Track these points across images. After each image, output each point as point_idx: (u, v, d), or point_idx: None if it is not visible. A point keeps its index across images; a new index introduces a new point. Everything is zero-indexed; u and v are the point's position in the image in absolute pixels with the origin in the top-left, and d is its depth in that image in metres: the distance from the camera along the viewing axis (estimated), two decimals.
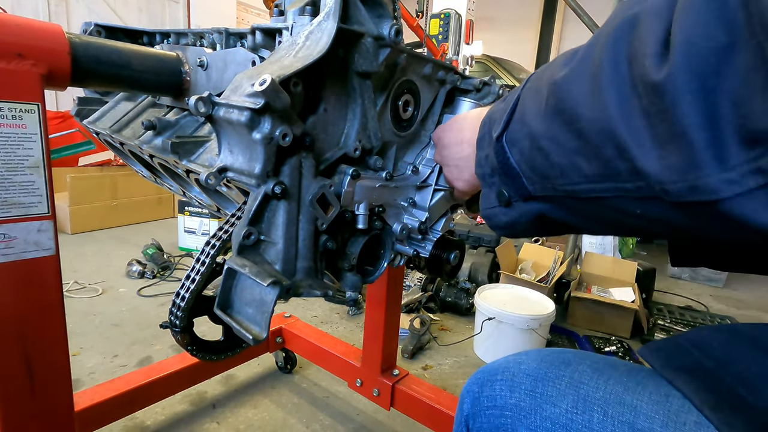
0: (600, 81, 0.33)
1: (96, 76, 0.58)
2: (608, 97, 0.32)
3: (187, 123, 0.74)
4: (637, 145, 0.31)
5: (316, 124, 0.55)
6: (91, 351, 1.65)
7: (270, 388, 1.51)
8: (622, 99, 0.31)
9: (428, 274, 0.82)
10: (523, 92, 0.43)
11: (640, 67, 0.30)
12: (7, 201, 0.50)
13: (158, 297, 2.15)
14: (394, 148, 0.70)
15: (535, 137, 0.39)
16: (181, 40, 0.81)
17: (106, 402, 1.09)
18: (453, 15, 3.46)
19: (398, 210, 0.72)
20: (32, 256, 0.52)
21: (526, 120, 0.40)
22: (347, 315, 2.10)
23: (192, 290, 0.59)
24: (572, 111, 0.35)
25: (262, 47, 0.62)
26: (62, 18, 4.53)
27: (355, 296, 0.65)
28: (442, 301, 2.19)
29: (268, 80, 0.44)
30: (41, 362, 0.55)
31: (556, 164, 0.38)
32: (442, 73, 0.72)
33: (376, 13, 0.56)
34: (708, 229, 0.32)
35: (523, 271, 2.41)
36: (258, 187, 0.50)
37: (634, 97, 0.31)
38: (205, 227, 2.78)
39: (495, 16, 8.90)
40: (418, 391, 1.23)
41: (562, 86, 0.36)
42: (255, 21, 6.27)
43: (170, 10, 5.54)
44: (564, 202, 0.40)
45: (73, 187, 2.98)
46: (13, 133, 0.49)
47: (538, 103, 0.39)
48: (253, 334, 0.49)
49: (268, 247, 0.53)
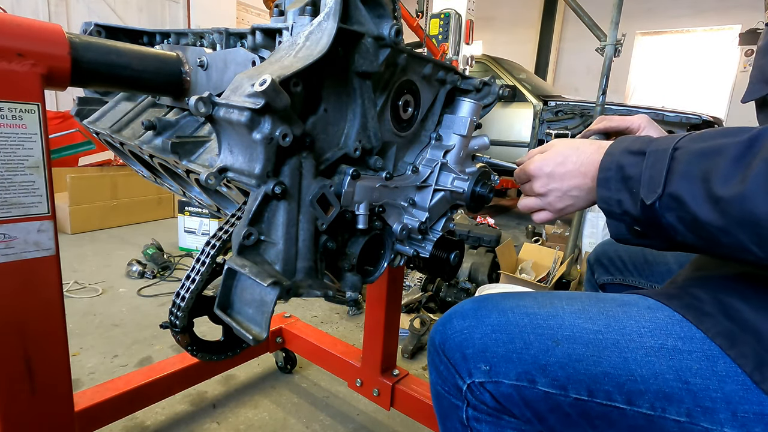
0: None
1: (96, 76, 0.58)
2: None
3: (187, 123, 0.74)
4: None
5: (317, 125, 0.55)
6: (91, 351, 1.65)
7: (270, 388, 1.51)
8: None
9: (428, 274, 0.82)
10: (674, 176, 0.48)
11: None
12: (7, 201, 0.50)
13: (158, 297, 2.15)
14: (394, 148, 0.70)
15: (700, 222, 0.46)
16: (181, 40, 0.81)
17: (106, 402, 1.09)
18: (453, 15, 3.46)
19: (398, 210, 0.72)
20: (32, 256, 0.52)
21: (687, 206, 0.47)
22: (347, 315, 2.10)
23: (192, 290, 0.59)
24: (755, 221, 0.42)
25: (262, 47, 0.62)
26: (62, 18, 4.53)
27: (355, 296, 0.65)
28: (442, 301, 2.19)
29: (268, 80, 0.44)
30: (41, 362, 0.55)
31: (723, 244, 0.46)
32: (442, 73, 0.72)
33: (376, 13, 0.56)
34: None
35: (523, 271, 2.41)
36: (258, 187, 0.50)
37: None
38: (205, 227, 2.78)
39: (495, 16, 8.90)
40: (418, 391, 1.23)
41: (746, 201, 0.42)
42: (255, 21, 6.28)
43: (170, 10, 5.54)
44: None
45: (73, 187, 2.98)
46: (13, 133, 0.49)
47: (703, 198, 0.45)
48: (253, 334, 0.49)
49: (268, 248, 0.53)
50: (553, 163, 0.64)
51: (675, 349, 0.51)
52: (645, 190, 0.51)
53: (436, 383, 0.65)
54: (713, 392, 0.48)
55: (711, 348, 0.49)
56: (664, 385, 0.50)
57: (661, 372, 0.50)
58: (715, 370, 0.49)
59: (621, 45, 2.42)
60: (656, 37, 7.95)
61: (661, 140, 0.52)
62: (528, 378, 0.55)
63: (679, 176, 0.48)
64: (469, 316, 0.62)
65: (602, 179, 0.56)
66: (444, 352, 0.62)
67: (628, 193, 0.53)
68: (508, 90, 0.82)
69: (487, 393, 0.58)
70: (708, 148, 0.47)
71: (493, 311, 0.61)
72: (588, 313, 0.57)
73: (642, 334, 0.52)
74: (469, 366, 0.59)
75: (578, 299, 0.60)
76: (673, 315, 0.53)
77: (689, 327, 0.52)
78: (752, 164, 0.43)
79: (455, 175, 0.75)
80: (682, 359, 0.50)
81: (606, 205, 0.56)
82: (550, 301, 0.60)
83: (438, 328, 0.64)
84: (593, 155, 0.60)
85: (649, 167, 0.51)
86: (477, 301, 0.64)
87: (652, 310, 0.55)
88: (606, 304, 0.58)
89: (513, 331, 0.58)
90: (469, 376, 0.59)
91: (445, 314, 0.65)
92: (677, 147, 0.50)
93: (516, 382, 0.56)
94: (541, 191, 0.66)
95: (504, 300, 0.62)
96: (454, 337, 0.61)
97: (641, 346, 0.52)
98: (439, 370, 0.63)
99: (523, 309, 0.59)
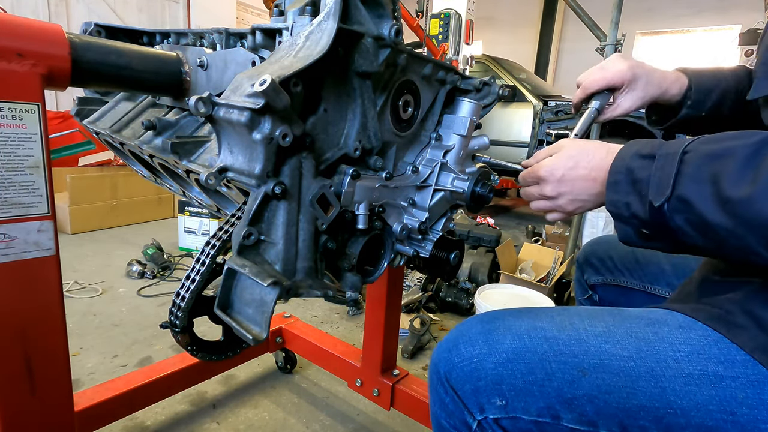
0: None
1: (96, 76, 0.58)
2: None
3: (187, 123, 0.74)
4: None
5: (316, 125, 0.55)
6: (91, 351, 1.65)
7: (270, 388, 1.51)
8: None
9: (428, 274, 0.82)
10: (683, 178, 0.48)
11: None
12: (7, 201, 0.50)
13: (158, 297, 2.15)
14: (394, 148, 0.70)
15: (708, 224, 0.46)
16: (181, 40, 0.81)
17: (106, 402, 1.09)
18: (453, 15, 3.46)
19: (398, 210, 0.72)
20: (32, 256, 0.52)
21: (696, 208, 0.47)
22: (347, 315, 2.10)
23: (192, 290, 0.59)
24: (764, 223, 0.41)
25: (262, 47, 0.62)
26: (62, 18, 4.53)
27: (355, 296, 0.65)
28: (442, 301, 2.19)
29: (268, 80, 0.44)
30: (41, 362, 0.55)
31: (732, 247, 0.46)
32: (442, 73, 0.72)
33: (376, 13, 0.56)
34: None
35: (523, 271, 2.41)
36: (258, 187, 0.50)
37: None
38: (205, 227, 2.78)
39: (495, 16, 8.90)
40: (418, 391, 1.23)
41: (755, 203, 0.42)
42: (255, 21, 6.28)
43: (170, 10, 5.54)
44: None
45: (73, 187, 2.98)
46: (13, 133, 0.49)
47: (711, 200, 0.45)
48: (253, 334, 0.49)
49: (268, 248, 0.53)
50: (564, 168, 0.63)
51: (716, 375, 0.47)
52: (653, 193, 0.50)
53: (440, 416, 0.59)
54: (762, 423, 0.44)
55: (756, 371, 0.46)
56: (707, 418, 0.46)
57: (703, 403, 0.46)
58: (762, 398, 0.45)
59: (621, 45, 2.42)
60: (656, 37, 7.95)
61: (672, 144, 0.52)
62: (552, 413, 0.51)
63: (688, 179, 0.48)
64: (479, 341, 0.56)
65: (611, 183, 0.56)
66: (450, 382, 0.56)
67: (637, 196, 0.52)
68: (508, 90, 0.82)
69: (501, 430, 0.53)
70: (718, 149, 0.47)
71: (506, 335, 0.55)
72: (615, 335, 0.52)
73: (678, 360, 0.48)
74: (480, 400, 0.54)
75: (600, 318, 0.55)
76: (708, 333, 0.50)
77: (728, 347, 0.48)
78: (762, 166, 0.42)
79: (455, 175, 0.75)
80: (725, 387, 0.46)
81: (614, 208, 0.55)
82: (569, 321, 0.55)
83: (442, 354, 0.58)
84: (604, 160, 0.59)
85: (658, 170, 0.50)
86: (486, 322, 0.59)
87: (685, 330, 0.51)
88: (632, 323, 0.54)
89: (532, 359, 0.52)
90: (480, 411, 0.54)
91: (449, 338, 0.60)
92: (687, 150, 0.49)
93: (537, 418, 0.51)
94: (552, 194, 0.65)
95: (517, 320, 0.57)
96: (462, 367, 0.55)
97: (679, 374, 0.47)
98: (444, 402, 0.58)
99: (541, 332, 0.54)
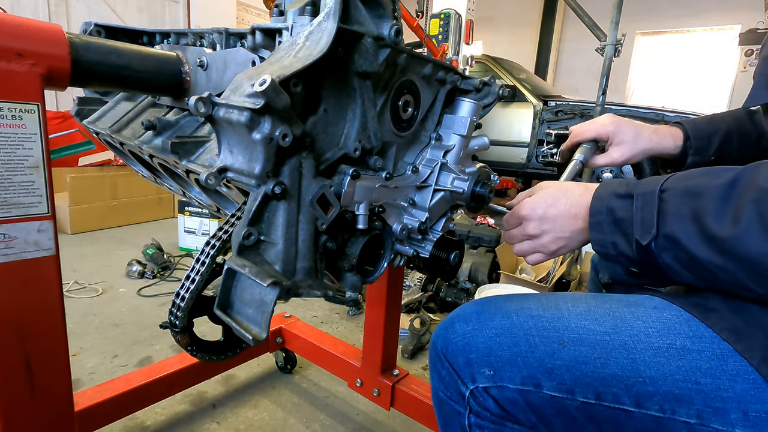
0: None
1: (96, 76, 0.58)
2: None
3: (187, 123, 0.74)
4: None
5: (316, 125, 0.55)
6: (91, 351, 1.65)
7: (270, 388, 1.51)
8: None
9: (428, 274, 0.82)
10: (666, 216, 0.51)
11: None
12: (7, 201, 0.50)
13: (158, 297, 2.15)
14: (394, 148, 0.70)
15: (697, 261, 0.48)
16: (181, 40, 0.81)
17: (106, 402, 1.09)
18: (453, 15, 3.46)
19: (398, 210, 0.72)
20: (32, 256, 0.52)
21: (683, 245, 0.49)
22: (347, 315, 2.10)
23: (192, 290, 0.59)
24: (753, 261, 0.44)
25: (262, 47, 0.62)
26: (62, 18, 4.53)
27: (355, 296, 0.65)
28: (442, 301, 2.19)
29: (268, 80, 0.44)
30: (41, 362, 0.55)
31: (723, 281, 0.48)
32: (442, 73, 0.72)
33: (376, 13, 0.56)
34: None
35: (523, 271, 2.41)
36: (258, 187, 0.50)
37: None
38: (205, 227, 2.78)
39: (495, 16, 8.90)
40: (418, 391, 1.23)
41: (742, 241, 0.44)
42: (255, 21, 6.28)
43: (170, 10, 5.54)
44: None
45: (73, 187, 2.98)
46: (13, 133, 0.49)
47: (698, 237, 0.48)
48: (253, 334, 0.49)
49: (268, 248, 0.53)
50: (545, 205, 0.65)
51: (684, 348, 0.50)
52: (639, 232, 0.52)
53: (438, 388, 0.64)
54: (724, 392, 0.47)
55: (721, 346, 0.49)
56: (673, 386, 0.49)
57: (670, 373, 0.50)
58: (725, 368, 0.48)
59: (621, 45, 2.42)
60: (656, 37, 7.95)
61: (645, 182, 0.54)
62: (534, 382, 0.55)
63: (671, 216, 0.50)
64: (472, 319, 0.61)
65: (594, 223, 0.58)
66: (446, 356, 0.61)
67: (622, 235, 0.55)
68: (508, 90, 0.82)
69: (491, 399, 0.57)
70: (693, 186, 0.50)
71: (496, 314, 0.60)
72: (594, 314, 0.56)
73: (650, 335, 0.52)
74: (472, 371, 0.58)
75: (583, 300, 0.59)
76: (681, 314, 0.53)
77: (698, 325, 0.51)
78: (740, 206, 0.44)
79: (455, 175, 0.75)
80: (691, 359, 0.49)
81: (601, 247, 0.58)
82: (554, 302, 0.59)
83: (440, 332, 0.64)
84: (582, 196, 0.62)
85: (639, 209, 0.53)
86: (480, 304, 0.63)
87: (659, 310, 0.54)
88: (612, 304, 0.57)
89: (518, 334, 0.57)
90: (472, 381, 0.58)
91: (447, 318, 0.64)
92: (664, 189, 0.52)
93: (521, 387, 0.55)
94: (535, 233, 0.66)
95: (507, 302, 0.62)
96: (456, 341, 0.60)
97: (649, 347, 0.51)
98: (441, 375, 0.62)
99: (527, 311, 0.59)
